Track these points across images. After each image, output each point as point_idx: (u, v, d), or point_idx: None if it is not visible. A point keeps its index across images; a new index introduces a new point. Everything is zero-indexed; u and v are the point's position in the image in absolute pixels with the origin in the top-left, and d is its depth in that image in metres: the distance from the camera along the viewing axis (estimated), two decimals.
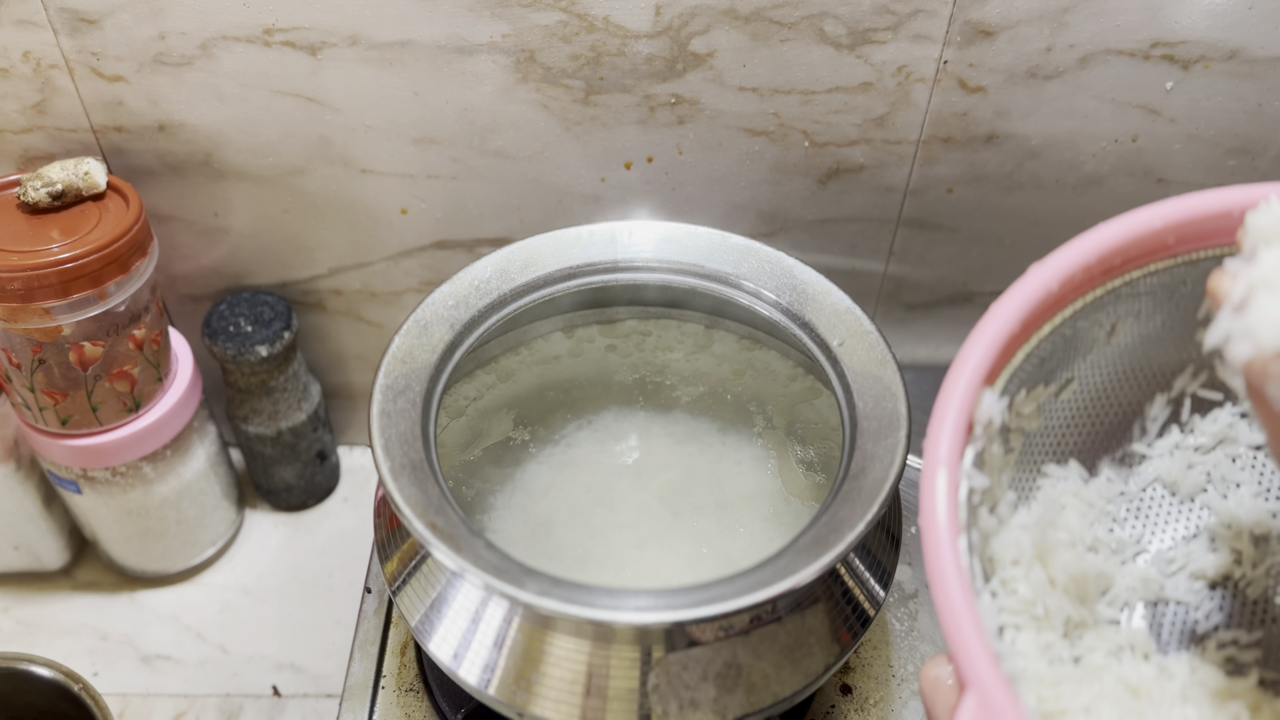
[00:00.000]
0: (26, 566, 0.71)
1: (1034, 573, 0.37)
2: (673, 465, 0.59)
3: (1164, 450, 0.42)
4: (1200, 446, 0.42)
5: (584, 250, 0.56)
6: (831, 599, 0.46)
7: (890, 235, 0.68)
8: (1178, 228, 0.37)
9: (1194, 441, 0.42)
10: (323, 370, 0.75)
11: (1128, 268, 0.38)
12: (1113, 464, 0.42)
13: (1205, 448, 0.42)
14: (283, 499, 0.76)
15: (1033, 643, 0.36)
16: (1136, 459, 0.42)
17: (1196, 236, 0.37)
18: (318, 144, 0.62)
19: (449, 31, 0.57)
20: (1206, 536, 0.41)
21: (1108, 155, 0.63)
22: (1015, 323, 0.36)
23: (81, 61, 0.58)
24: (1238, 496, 0.41)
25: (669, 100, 0.60)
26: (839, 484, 0.46)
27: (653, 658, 0.44)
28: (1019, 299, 0.36)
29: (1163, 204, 0.37)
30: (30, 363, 0.58)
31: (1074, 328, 0.39)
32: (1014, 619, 0.36)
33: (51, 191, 0.57)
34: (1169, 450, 0.42)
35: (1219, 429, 0.42)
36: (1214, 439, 0.42)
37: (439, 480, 0.46)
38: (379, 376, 0.49)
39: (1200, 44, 0.58)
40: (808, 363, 0.54)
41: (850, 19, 0.57)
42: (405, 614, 0.48)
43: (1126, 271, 0.38)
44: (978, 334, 0.35)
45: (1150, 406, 0.42)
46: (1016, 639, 0.36)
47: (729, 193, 0.65)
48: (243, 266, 0.68)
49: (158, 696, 0.66)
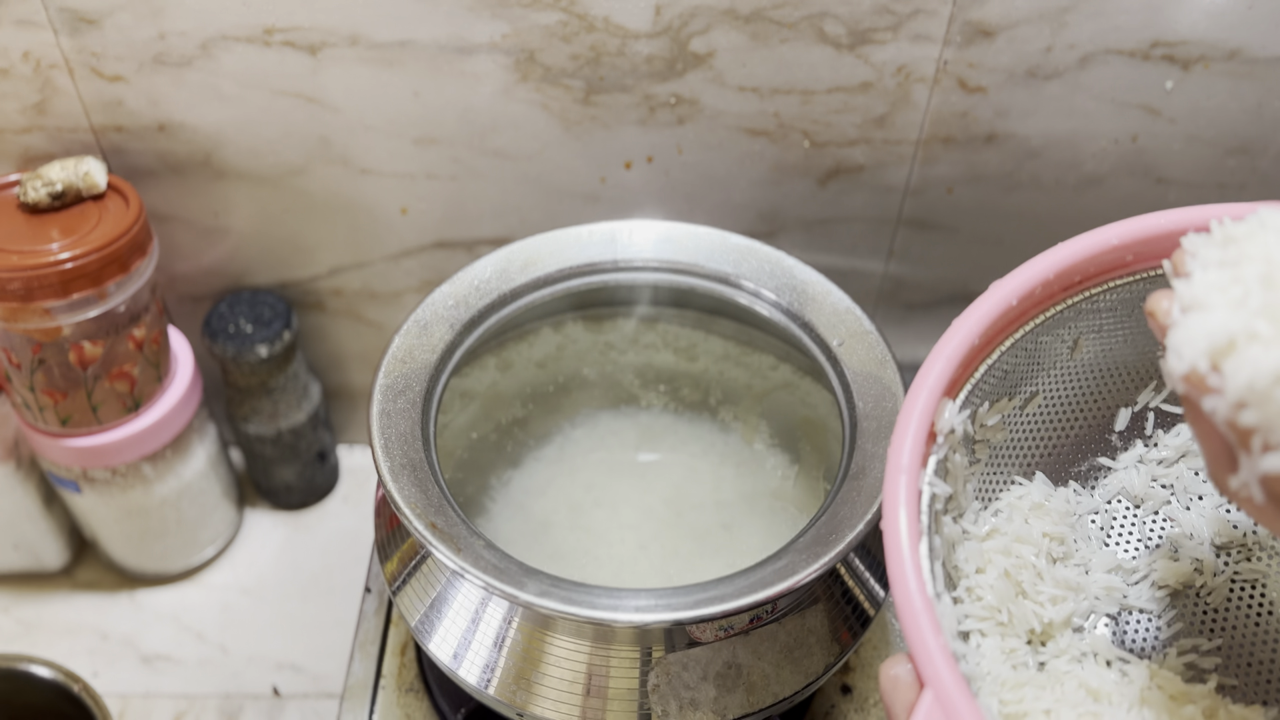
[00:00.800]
0: (26, 566, 0.71)
1: (999, 581, 0.38)
2: (673, 465, 0.59)
3: (1128, 463, 0.43)
4: (1164, 460, 0.43)
5: (584, 250, 0.57)
6: (831, 599, 0.46)
7: (890, 235, 0.68)
8: (1135, 245, 0.38)
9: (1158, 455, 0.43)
10: (323, 370, 0.75)
11: (1087, 284, 0.39)
12: (1078, 476, 0.43)
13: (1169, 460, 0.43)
14: (283, 499, 0.76)
15: (997, 648, 0.37)
16: (1102, 471, 0.43)
17: (1154, 254, 0.39)
18: (318, 144, 0.62)
19: (449, 31, 0.57)
20: (1169, 546, 0.42)
21: (1108, 155, 0.63)
22: (976, 336, 0.37)
23: (81, 61, 0.58)
24: (1199, 508, 0.42)
25: (669, 100, 0.60)
26: (839, 484, 0.46)
27: (653, 658, 0.44)
28: (980, 314, 0.38)
29: (1121, 223, 0.38)
30: (30, 363, 0.58)
31: (1036, 342, 0.40)
32: (979, 625, 0.37)
33: (51, 191, 0.57)
34: (1133, 463, 0.43)
35: (1181, 442, 0.43)
36: (1177, 452, 0.43)
37: (439, 480, 0.46)
38: (379, 376, 0.50)
39: (1200, 44, 0.58)
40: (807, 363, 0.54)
41: (850, 19, 0.57)
42: (405, 614, 0.48)
43: (1086, 288, 0.39)
44: (940, 347, 0.37)
45: (1115, 420, 0.43)
46: (981, 644, 0.37)
47: (729, 193, 0.65)
48: (243, 266, 0.68)
49: (158, 696, 0.66)
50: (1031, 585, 0.39)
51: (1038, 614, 0.38)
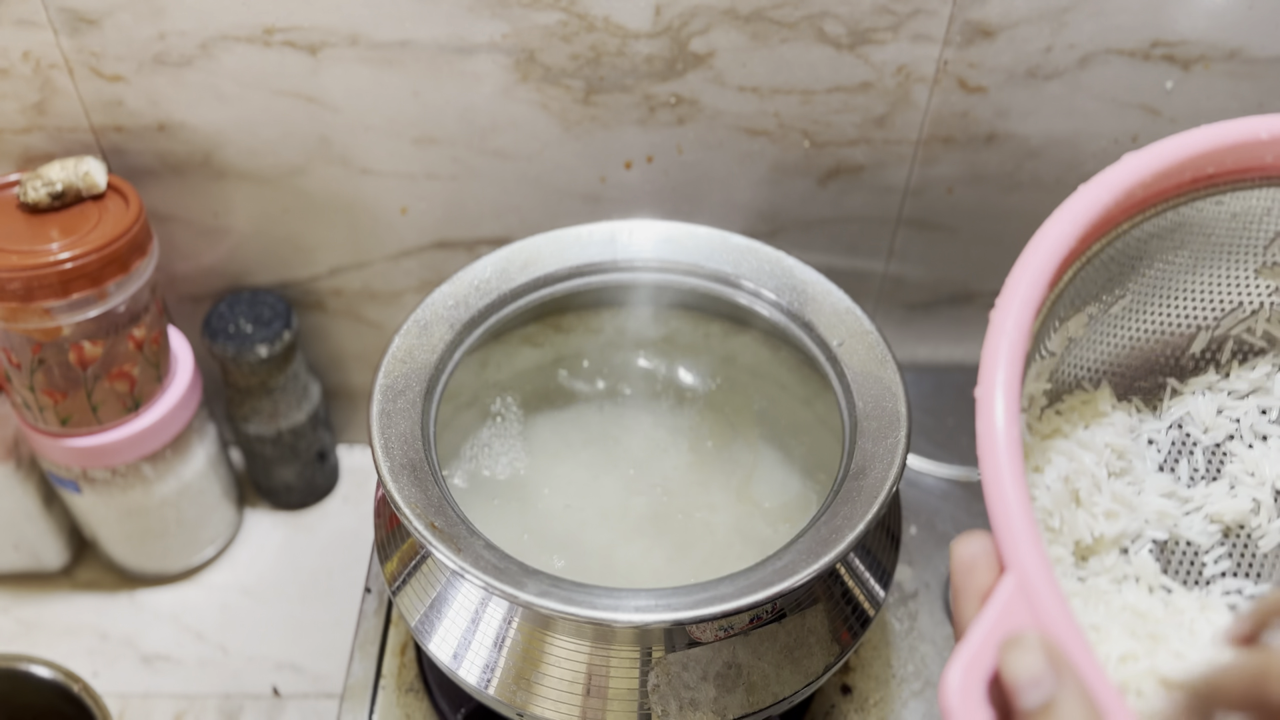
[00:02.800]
0: (26, 566, 0.71)
1: (1056, 484, 0.36)
2: (671, 464, 0.60)
3: (1197, 388, 0.41)
4: (1234, 391, 0.41)
5: (584, 250, 0.56)
6: (831, 599, 0.46)
7: (890, 235, 0.68)
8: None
9: (1229, 385, 0.41)
10: (323, 370, 0.75)
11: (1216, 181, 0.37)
12: (1144, 394, 0.41)
13: (1239, 393, 0.41)
14: (283, 499, 0.76)
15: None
16: (1169, 393, 0.41)
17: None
18: (318, 144, 0.62)
19: (449, 31, 0.57)
20: (1228, 481, 0.40)
21: (1108, 155, 0.63)
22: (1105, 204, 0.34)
23: (81, 61, 0.58)
24: (1264, 449, 0.40)
25: (669, 100, 0.60)
26: (839, 484, 0.46)
27: (653, 658, 0.44)
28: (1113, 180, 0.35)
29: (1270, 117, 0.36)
30: (30, 363, 0.58)
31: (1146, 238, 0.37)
32: None
33: (51, 191, 0.57)
34: (1202, 389, 0.41)
35: (1256, 377, 0.41)
36: (1250, 385, 0.41)
37: (439, 480, 0.46)
38: (379, 376, 0.49)
39: (1200, 44, 0.58)
40: (807, 362, 0.54)
41: (850, 19, 0.57)
42: (405, 614, 0.48)
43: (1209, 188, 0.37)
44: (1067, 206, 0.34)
45: (1193, 342, 0.41)
46: None
47: (729, 193, 0.65)
48: (243, 266, 0.68)
49: (157, 697, 0.66)
50: (1088, 495, 0.37)
51: (1090, 526, 0.37)
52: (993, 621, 0.28)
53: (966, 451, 0.69)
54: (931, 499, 0.66)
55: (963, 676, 0.28)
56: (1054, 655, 0.27)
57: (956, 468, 0.68)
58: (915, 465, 0.68)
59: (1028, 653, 0.27)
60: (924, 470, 0.68)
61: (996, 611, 0.28)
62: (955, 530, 0.64)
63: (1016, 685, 0.27)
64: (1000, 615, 0.28)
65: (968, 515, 0.65)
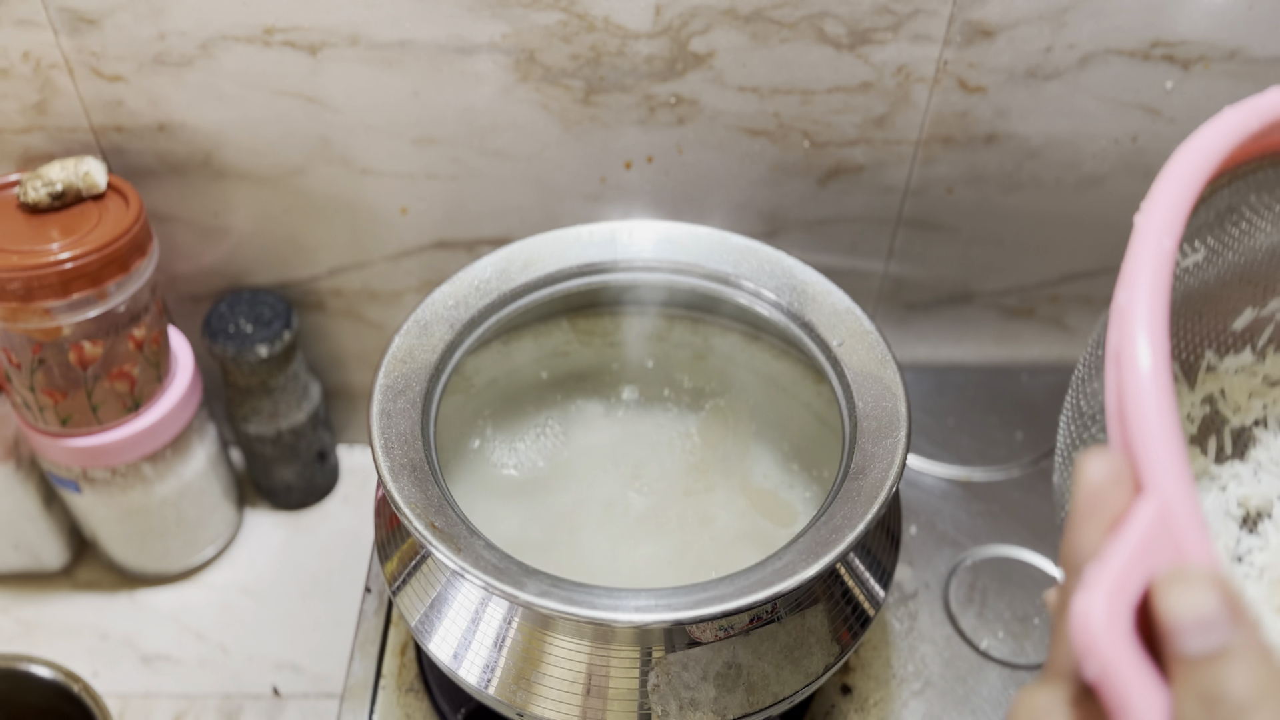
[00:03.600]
0: (26, 566, 0.71)
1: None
2: (671, 464, 0.60)
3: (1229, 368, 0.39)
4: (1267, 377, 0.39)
5: (584, 250, 0.57)
6: (831, 599, 0.46)
7: (890, 235, 0.68)
8: None
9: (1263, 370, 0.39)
10: (323, 370, 0.75)
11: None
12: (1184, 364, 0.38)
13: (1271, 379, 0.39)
14: (283, 499, 0.76)
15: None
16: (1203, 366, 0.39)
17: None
18: (318, 144, 0.62)
19: (449, 31, 0.57)
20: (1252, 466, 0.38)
21: (1108, 155, 0.63)
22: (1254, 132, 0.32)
23: (81, 61, 0.58)
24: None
25: (669, 100, 0.60)
26: (839, 484, 0.46)
27: (653, 658, 0.44)
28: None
29: None
30: (30, 363, 0.58)
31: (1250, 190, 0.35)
32: None
33: (51, 191, 0.57)
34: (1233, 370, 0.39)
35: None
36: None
37: (439, 480, 0.46)
38: (379, 376, 0.50)
39: (1200, 44, 0.58)
40: (807, 362, 0.54)
41: (850, 19, 0.57)
42: (405, 614, 0.48)
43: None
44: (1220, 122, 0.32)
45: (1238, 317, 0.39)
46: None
47: (729, 193, 0.65)
48: (243, 266, 0.68)
49: (157, 697, 0.66)
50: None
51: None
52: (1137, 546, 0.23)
53: (966, 451, 0.69)
54: (931, 499, 0.66)
55: (1109, 604, 0.23)
56: (1230, 597, 0.22)
57: (956, 468, 0.68)
58: (915, 465, 0.68)
59: (1198, 590, 0.22)
60: (924, 470, 0.68)
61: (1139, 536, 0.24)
62: (955, 530, 0.64)
63: (1180, 626, 0.22)
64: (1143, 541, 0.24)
65: (968, 515, 0.65)
